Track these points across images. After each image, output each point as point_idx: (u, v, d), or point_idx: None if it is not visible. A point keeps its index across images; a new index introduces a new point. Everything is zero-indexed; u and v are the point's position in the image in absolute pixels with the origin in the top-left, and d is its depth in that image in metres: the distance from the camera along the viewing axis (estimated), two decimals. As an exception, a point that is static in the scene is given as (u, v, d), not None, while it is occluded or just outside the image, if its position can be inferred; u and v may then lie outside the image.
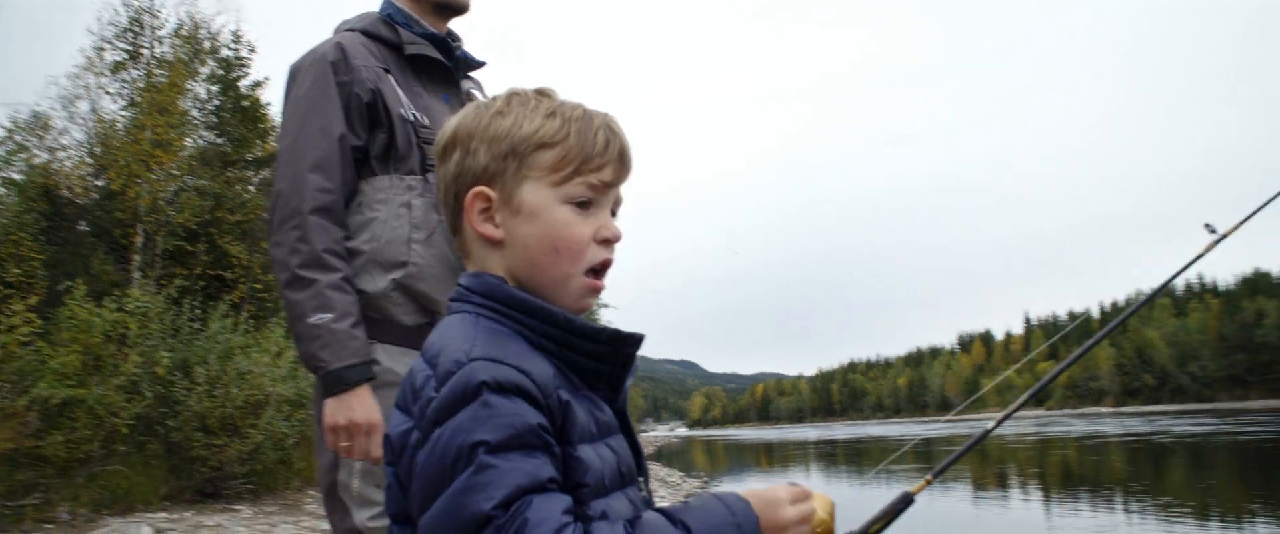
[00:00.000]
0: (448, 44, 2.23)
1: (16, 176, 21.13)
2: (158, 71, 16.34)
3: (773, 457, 36.70)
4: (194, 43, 17.93)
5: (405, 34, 2.16)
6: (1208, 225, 2.51)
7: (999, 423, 2.24)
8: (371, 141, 2.06)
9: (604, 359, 1.07)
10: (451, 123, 1.13)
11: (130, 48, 17.01)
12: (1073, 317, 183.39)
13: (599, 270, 1.10)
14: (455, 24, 2.32)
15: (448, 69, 2.22)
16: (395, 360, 1.97)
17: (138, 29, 16.97)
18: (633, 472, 1.10)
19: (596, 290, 1.10)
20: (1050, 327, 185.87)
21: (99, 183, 17.07)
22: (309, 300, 1.89)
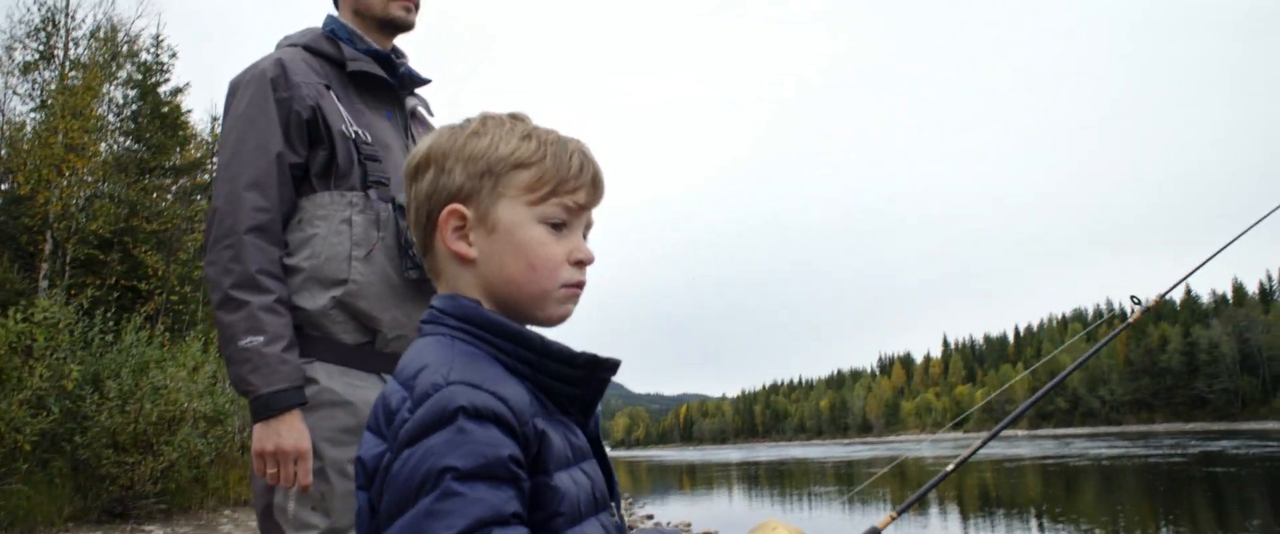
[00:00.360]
0: (391, 61, 2.21)
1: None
2: (72, 74, 15.76)
3: (696, 478, 36.89)
4: (112, 45, 17.38)
5: (348, 50, 2.13)
6: (1134, 297, 2.61)
7: (977, 448, 2.20)
8: (312, 159, 2.02)
9: (578, 384, 1.06)
10: (424, 143, 1.12)
11: (43, 48, 16.40)
12: (988, 340, 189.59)
13: (576, 289, 1.12)
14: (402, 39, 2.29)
15: (391, 86, 2.19)
16: (334, 379, 1.93)
17: (51, 29, 16.38)
18: (605, 497, 1.10)
19: (574, 297, 1.11)
20: (967, 350, 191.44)
21: (4, 187, 16.37)
22: (241, 322, 1.85)
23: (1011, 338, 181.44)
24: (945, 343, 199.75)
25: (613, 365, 1.08)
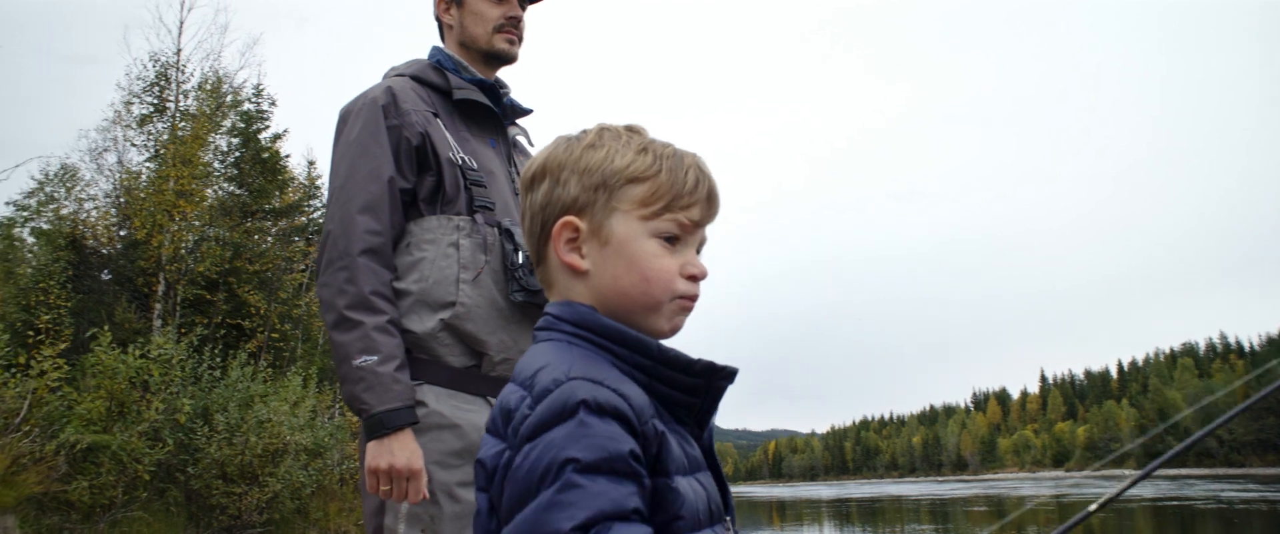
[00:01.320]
0: (495, 91, 2.28)
1: (45, 226, 21.49)
2: (182, 124, 16.70)
3: (785, 515, 36.24)
4: (217, 96, 18.34)
5: (454, 79, 2.21)
6: None
7: (1127, 487, 2.11)
8: (420, 184, 2.07)
9: (695, 392, 1.05)
10: (541, 154, 1.13)
11: (156, 101, 17.42)
12: (1089, 375, 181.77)
13: (688, 303, 1.10)
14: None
15: (495, 114, 2.26)
16: (442, 402, 1.96)
17: (164, 83, 17.40)
18: (721, 510, 1.07)
19: (687, 309, 1.10)
20: (1066, 385, 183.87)
21: (123, 232, 17.35)
22: (355, 342, 1.88)
23: (1114, 372, 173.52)
24: (1043, 378, 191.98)
25: (730, 373, 1.07)
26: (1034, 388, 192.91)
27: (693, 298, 1.10)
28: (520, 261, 2.06)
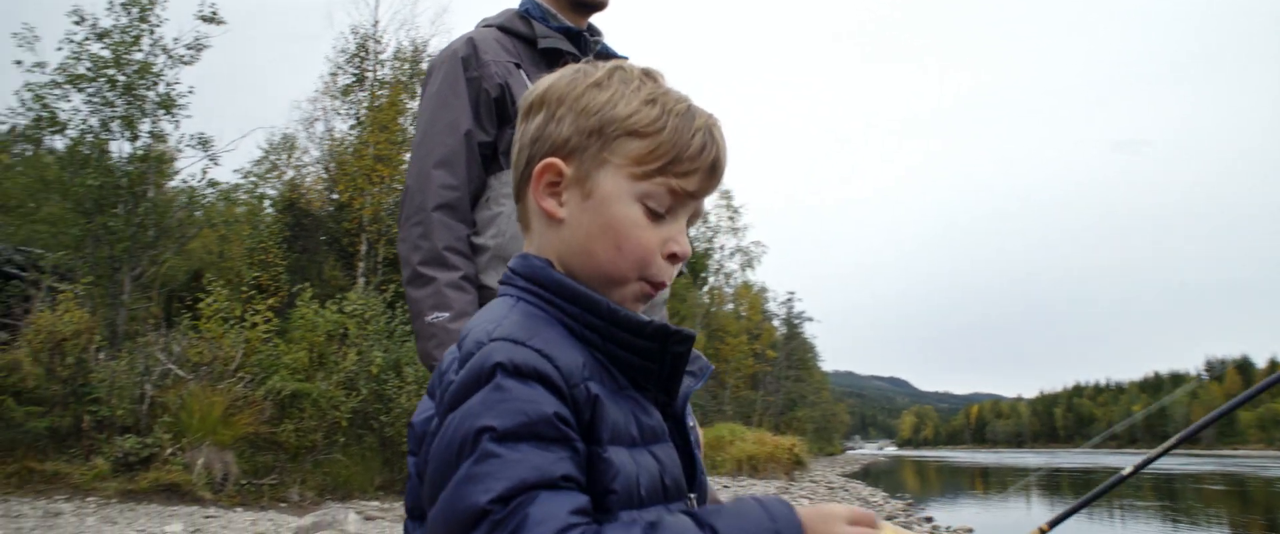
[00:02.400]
0: (583, 38, 2.18)
1: (271, 193, 23.58)
2: (379, 92, 17.68)
3: (989, 482, 34.56)
4: (413, 63, 19.27)
5: (539, 27, 2.13)
6: None
7: None
8: (500, 137, 2.02)
9: (651, 356, 0.97)
10: (544, 82, 1.04)
11: (357, 72, 18.54)
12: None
13: (656, 283, 1.00)
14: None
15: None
16: None
17: (363, 54, 18.47)
18: (680, 486, 0.98)
19: (648, 296, 1.01)
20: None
21: (334, 196, 18.70)
22: (427, 298, 1.86)
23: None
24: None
25: (685, 337, 0.97)
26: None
27: (661, 284, 1.00)
28: None
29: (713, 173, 1.00)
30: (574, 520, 0.79)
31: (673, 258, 1.00)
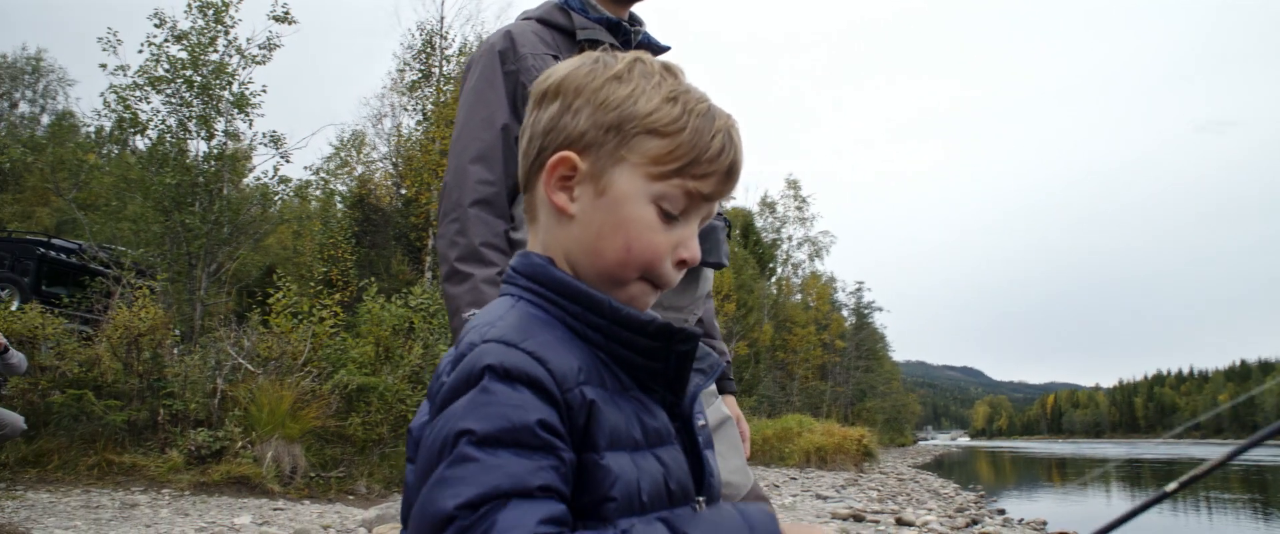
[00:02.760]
0: (624, 28, 2.13)
1: (342, 189, 24.09)
2: (445, 88, 17.85)
3: (1066, 474, 33.56)
4: (477, 59, 19.47)
5: (578, 19, 2.08)
6: None
7: None
8: None
9: (655, 356, 0.94)
10: (560, 69, 1.00)
11: (423, 68, 18.77)
12: None
13: (659, 287, 0.98)
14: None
15: None
16: None
17: (430, 50, 18.69)
18: (686, 490, 0.94)
19: (646, 305, 0.99)
20: None
21: (402, 192, 19.01)
22: (464, 295, 1.84)
23: None
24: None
25: (688, 336, 0.95)
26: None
27: (665, 287, 0.99)
28: None
29: (730, 176, 0.98)
30: (543, 530, 0.76)
31: (681, 263, 0.98)
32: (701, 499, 0.98)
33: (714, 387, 2.12)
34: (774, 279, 46.82)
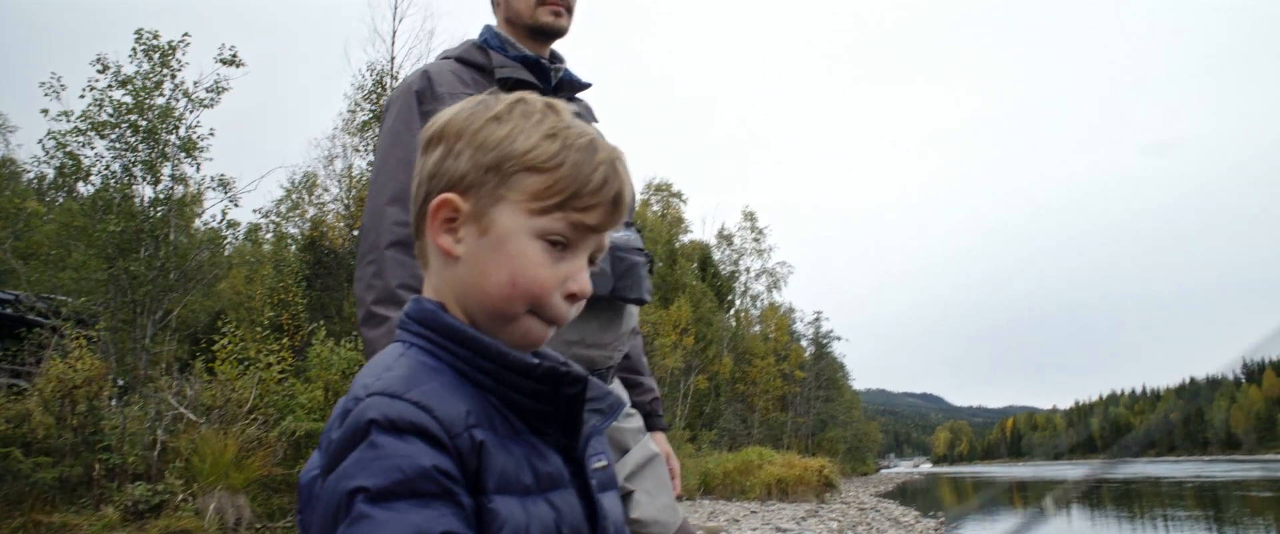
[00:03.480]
0: (544, 66, 2.14)
1: (294, 231, 23.80)
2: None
3: (1027, 496, 33.85)
4: (428, 99, 19.45)
5: (496, 57, 2.09)
6: None
7: None
8: None
9: (543, 399, 0.94)
10: (444, 114, 1.02)
11: (374, 108, 18.69)
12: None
13: (552, 322, 0.97)
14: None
15: (542, 92, 2.09)
16: None
17: (380, 91, 18.63)
18: None
19: (540, 341, 0.98)
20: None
21: (355, 233, 18.82)
22: (381, 338, 1.81)
23: None
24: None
25: (575, 379, 0.95)
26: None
27: (557, 323, 0.98)
28: None
29: (616, 206, 0.98)
30: None
31: (572, 297, 0.97)
32: None
33: (641, 423, 2.11)
34: (732, 311, 46.98)
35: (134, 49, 13.89)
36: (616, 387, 2.08)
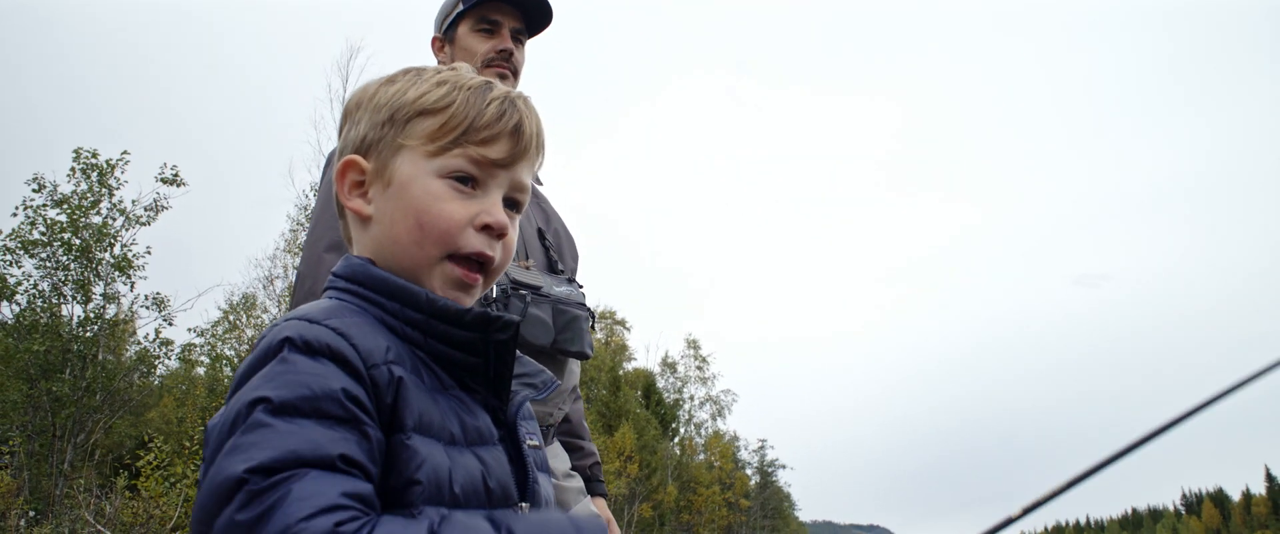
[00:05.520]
0: None
1: (230, 353, 23.23)
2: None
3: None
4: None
5: None
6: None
7: None
8: None
9: (473, 349, 0.92)
10: (350, 97, 1.06)
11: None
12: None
13: (474, 262, 0.96)
14: None
15: None
16: None
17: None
18: (507, 492, 0.91)
19: (466, 284, 0.96)
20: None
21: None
22: None
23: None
24: (1270, 476, 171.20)
25: (506, 323, 0.92)
26: (1259, 488, 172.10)
27: (481, 261, 0.96)
28: (493, 296, 1.93)
29: (518, 137, 0.97)
30: (344, 502, 0.71)
31: (487, 229, 0.95)
32: (525, 505, 0.95)
33: (582, 484, 2.08)
34: (677, 439, 46.47)
35: (72, 168, 13.88)
36: (556, 449, 2.05)
